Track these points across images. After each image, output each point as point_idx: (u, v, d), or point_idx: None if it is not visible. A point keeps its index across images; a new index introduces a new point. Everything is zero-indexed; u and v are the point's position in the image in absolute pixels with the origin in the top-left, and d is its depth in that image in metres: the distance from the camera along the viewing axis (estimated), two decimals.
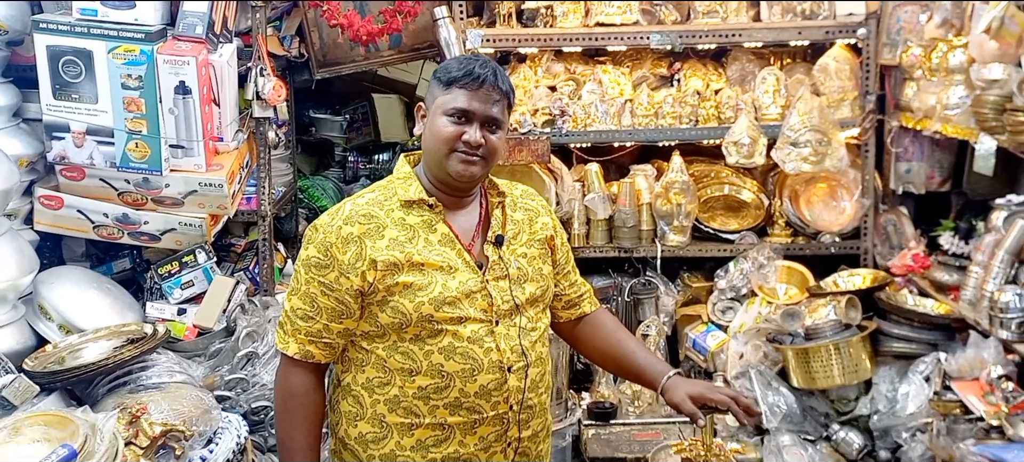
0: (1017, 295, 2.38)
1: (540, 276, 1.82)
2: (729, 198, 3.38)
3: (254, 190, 2.90)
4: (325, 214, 1.77)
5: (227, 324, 2.62)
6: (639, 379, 1.95)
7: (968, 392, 2.42)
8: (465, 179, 1.73)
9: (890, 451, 2.70)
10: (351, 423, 1.75)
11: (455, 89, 1.70)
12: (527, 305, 1.77)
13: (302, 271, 1.72)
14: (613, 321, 2.01)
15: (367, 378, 1.73)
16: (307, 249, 1.73)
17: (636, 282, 3.40)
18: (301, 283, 1.72)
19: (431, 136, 1.73)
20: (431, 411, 1.71)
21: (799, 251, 3.24)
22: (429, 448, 1.72)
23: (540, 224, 1.87)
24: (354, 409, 1.75)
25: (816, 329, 2.79)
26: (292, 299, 1.74)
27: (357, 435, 1.75)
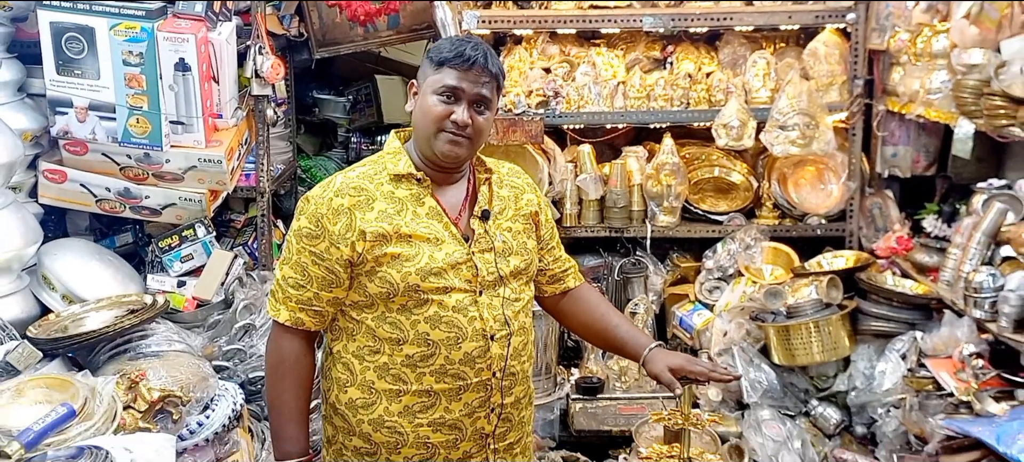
0: (991, 276, 2.43)
1: (524, 250, 1.88)
2: (719, 180, 3.44)
3: (253, 167, 2.97)
4: (317, 186, 1.83)
5: (225, 296, 2.70)
6: (622, 351, 2.03)
7: (941, 369, 2.48)
8: (450, 159, 1.78)
9: (866, 426, 2.77)
10: (342, 389, 1.82)
11: (446, 69, 1.75)
12: (511, 277, 1.83)
13: (294, 241, 1.78)
14: (597, 296, 2.08)
15: (357, 346, 1.80)
16: (299, 220, 1.78)
17: (626, 261, 3.46)
18: (293, 252, 1.78)
19: (421, 114, 1.78)
20: (418, 378, 1.77)
21: (786, 233, 3.30)
22: (416, 413, 1.79)
23: (525, 200, 1.92)
24: (345, 376, 1.81)
25: (797, 308, 2.86)
26: (284, 268, 1.80)
27: (347, 400, 1.81)
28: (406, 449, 1.80)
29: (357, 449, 1.83)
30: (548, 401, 3.07)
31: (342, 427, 1.84)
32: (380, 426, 1.79)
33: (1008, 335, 2.32)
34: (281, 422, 1.83)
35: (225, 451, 2.19)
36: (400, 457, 1.81)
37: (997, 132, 2.49)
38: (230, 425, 2.22)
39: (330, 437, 1.89)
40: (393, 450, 1.80)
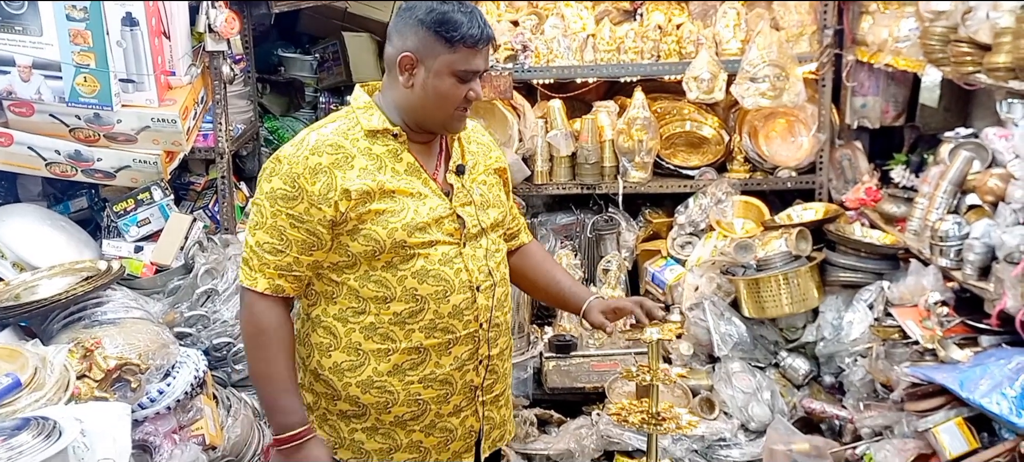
0: (957, 224, 2.43)
1: (500, 203, 1.89)
2: (690, 134, 3.40)
3: (211, 127, 2.88)
4: (287, 145, 1.74)
5: (185, 261, 2.64)
6: (565, 306, 2.09)
7: (907, 318, 2.49)
8: (459, 131, 1.79)
9: (834, 375, 2.79)
10: (324, 354, 1.78)
11: (463, 50, 1.68)
12: (490, 229, 1.84)
13: (267, 204, 1.70)
14: (542, 251, 2.11)
15: (339, 309, 1.76)
16: (271, 182, 1.70)
17: (599, 218, 3.44)
18: (266, 217, 1.70)
19: (435, 95, 1.71)
20: (407, 335, 1.75)
21: (757, 186, 3.29)
22: (406, 372, 1.77)
23: (494, 156, 1.93)
24: (327, 340, 1.77)
25: (767, 261, 2.86)
26: (256, 234, 1.71)
27: (331, 365, 1.77)
28: (397, 408, 1.79)
29: (343, 413, 1.80)
30: (522, 359, 3.06)
31: (325, 393, 1.81)
32: (369, 387, 1.77)
33: (972, 283, 2.34)
34: (275, 394, 1.75)
35: (188, 418, 2.15)
36: (390, 416, 1.79)
37: (964, 79, 2.47)
38: (193, 392, 2.19)
39: (311, 404, 1.85)
40: (383, 410, 1.79)
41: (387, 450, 1.82)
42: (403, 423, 1.80)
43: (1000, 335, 2.26)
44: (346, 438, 1.83)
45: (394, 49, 1.73)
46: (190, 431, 2.10)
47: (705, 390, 2.84)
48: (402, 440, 1.82)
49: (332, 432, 1.83)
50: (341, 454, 1.84)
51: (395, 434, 1.81)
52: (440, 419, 1.82)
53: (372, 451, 1.82)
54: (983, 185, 2.48)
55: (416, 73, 1.71)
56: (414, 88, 1.72)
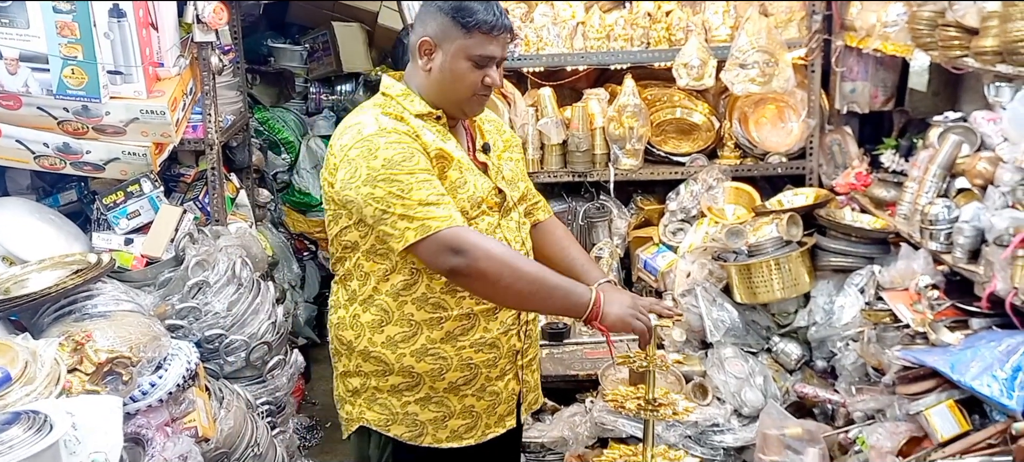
0: (946, 207, 2.43)
1: (523, 177, 2.03)
2: (681, 121, 3.39)
3: (201, 118, 2.85)
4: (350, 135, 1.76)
5: (176, 253, 2.61)
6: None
7: (898, 301, 2.49)
8: (477, 115, 1.89)
9: (825, 360, 2.79)
10: (376, 331, 1.85)
11: (478, 35, 1.76)
12: (519, 202, 1.97)
13: (394, 172, 1.70)
14: (563, 230, 2.16)
15: (391, 285, 1.83)
16: (376, 158, 1.71)
17: (590, 206, 3.43)
18: (405, 181, 1.70)
19: (452, 79, 1.79)
20: (458, 302, 1.84)
21: (747, 172, 3.28)
22: (457, 337, 1.86)
23: (507, 134, 2.04)
24: (379, 317, 1.84)
25: (758, 246, 2.85)
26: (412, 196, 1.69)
27: (384, 339, 1.85)
28: (450, 373, 1.87)
29: (395, 387, 1.87)
30: None
31: (375, 371, 1.87)
32: (423, 355, 1.84)
33: (962, 265, 2.34)
34: (556, 283, 1.78)
35: (181, 411, 2.14)
36: (444, 382, 1.87)
37: (951, 63, 2.47)
38: (185, 385, 2.17)
39: (358, 388, 1.91)
40: (437, 377, 1.87)
41: (441, 418, 1.90)
42: (456, 389, 1.89)
43: (990, 317, 2.26)
44: (399, 412, 1.89)
45: (415, 36, 1.83)
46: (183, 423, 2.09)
47: (698, 376, 2.84)
48: (455, 406, 1.90)
49: (383, 410, 1.90)
50: (394, 430, 1.91)
51: (448, 401, 1.90)
52: (489, 382, 1.91)
53: (426, 421, 1.90)
54: (972, 168, 2.48)
55: (434, 57, 1.80)
56: (432, 71, 1.81)
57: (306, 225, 4.74)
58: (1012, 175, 2.32)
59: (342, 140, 1.80)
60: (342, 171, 1.76)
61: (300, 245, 4.66)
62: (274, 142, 4.62)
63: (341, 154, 1.78)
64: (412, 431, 1.91)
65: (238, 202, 3.29)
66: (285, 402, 2.84)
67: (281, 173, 4.67)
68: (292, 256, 4.28)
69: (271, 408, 2.73)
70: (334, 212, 1.87)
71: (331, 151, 1.85)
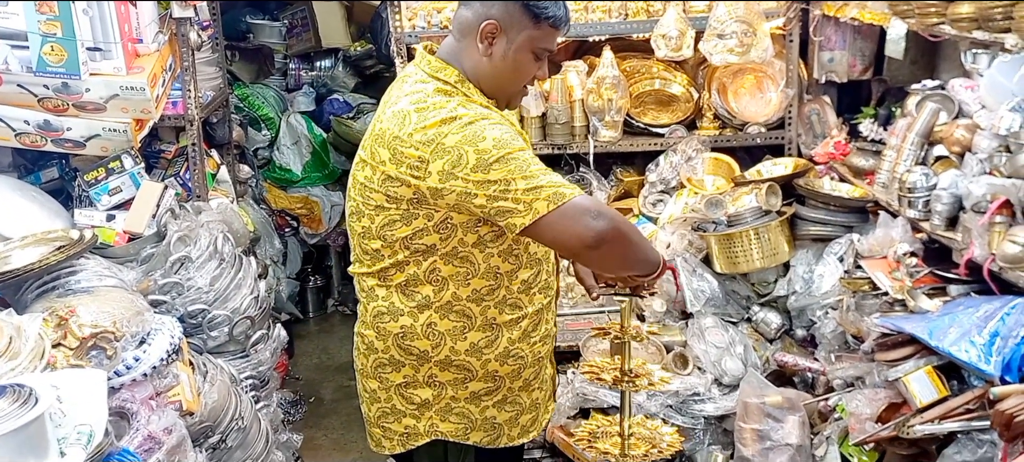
0: (924, 175, 2.44)
1: None
2: (660, 92, 3.39)
3: (180, 94, 2.82)
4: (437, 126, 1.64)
5: (158, 229, 2.60)
6: None
7: (876, 269, 2.52)
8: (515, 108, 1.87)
9: (805, 328, 2.82)
10: (458, 338, 1.78)
11: (547, 27, 1.69)
12: None
13: (507, 151, 1.61)
14: None
15: (473, 289, 1.76)
16: (486, 138, 1.61)
17: (570, 178, 3.42)
18: (521, 156, 1.62)
19: (512, 67, 1.71)
20: (530, 299, 1.82)
21: (727, 143, 3.29)
22: (530, 334, 1.83)
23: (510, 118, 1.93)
24: (461, 323, 1.78)
25: (738, 216, 2.87)
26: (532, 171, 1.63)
27: (468, 347, 1.79)
28: (526, 371, 1.86)
29: (475, 394, 1.84)
30: None
31: (454, 379, 1.82)
32: (506, 358, 1.82)
33: (940, 233, 2.35)
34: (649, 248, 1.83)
35: (165, 385, 2.13)
36: (520, 381, 1.86)
37: (928, 30, 2.48)
38: (169, 359, 2.16)
39: (428, 401, 1.84)
40: (515, 377, 1.85)
41: (515, 417, 1.89)
42: (528, 385, 1.88)
43: (968, 284, 2.27)
44: (478, 419, 1.86)
45: (475, 15, 1.70)
46: (167, 397, 2.09)
47: (678, 346, 2.86)
48: (525, 402, 1.90)
49: (461, 420, 1.86)
50: (473, 438, 1.87)
51: (520, 398, 1.89)
52: (545, 370, 1.94)
53: (503, 422, 1.88)
54: (950, 136, 2.49)
55: (496, 43, 1.69)
56: (492, 57, 1.70)
57: (287, 201, 4.72)
58: (989, 142, 2.33)
59: (425, 133, 1.64)
60: (438, 162, 1.61)
61: (282, 221, 4.65)
62: (254, 118, 4.59)
63: (429, 146, 1.62)
64: (491, 435, 1.88)
65: (219, 178, 3.26)
66: (269, 376, 2.84)
67: (261, 149, 4.66)
68: (274, 232, 4.28)
69: (255, 382, 2.73)
70: (404, 212, 1.70)
71: (403, 145, 1.66)
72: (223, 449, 2.35)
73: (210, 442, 2.29)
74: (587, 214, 1.62)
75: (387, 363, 1.83)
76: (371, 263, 1.79)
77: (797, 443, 2.53)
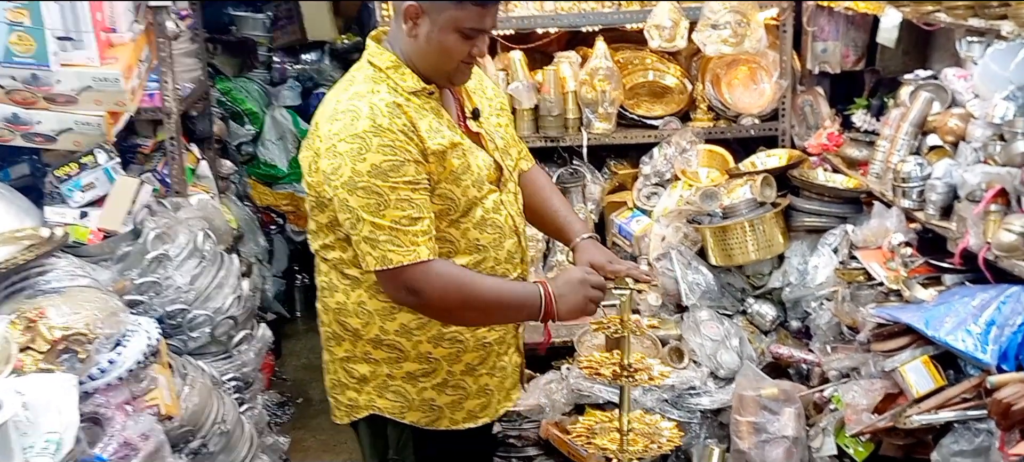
0: (918, 165, 2.42)
1: (515, 141, 1.94)
2: (653, 84, 3.34)
3: (157, 86, 2.72)
4: (342, 123, 1.64)
5: (134, 226, 2.50)
6: (559, 236, 2.07)
7: (871, 260, 2.48)
8: (463, 83, 1.78)
9: (800, 320, 2.79)
10: (387, 319, 1.77)
11: (470, 7, 1.66)
12: (513, 172, 1.87)
13: (378, 182, 1.62)
14: (545, 178, 2.10)
15: None
16: (365, 159, 1.61)
17: (563, 171, 3.37)
18: (386, 195, 1.62)
19: (438, 49, 1.69)
20: None
21: (720, 134, 3.25)
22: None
23: (490, 90, 1.92)
24: (389, 305, 1.75)
25: (733, 208, 2.82)
26: (385, 216, 1.62)
27: (398, 328, 1.77)
28: (467, 355, 1.82)
29: (410, 374, 1.81)
30: None
31: (387, 358, 1.80)
32: (440, 340, 1.79)
33: (935, 222, 2.33)
34: (509, 298, 1.77)
35: (141, 389, 2.05)
36: (461, 364, 1.82)
37: (923, 19, 2.44)
38: (146, 362, 2.08)
39: (367, 375, 1.83)
40: (454, 360, 1.81)
41: (458, 401, 1.85)
42: (472, 370, 1.84)
43: (963, 273, 2.25)
44: (414, 399, 1.83)
45: None
46: (144, 402, 2.00)
47: (674, 339, 2.81)
48: (471, 387, 1.85)
49: (396, 398, 1.83)
50: (409, 417, 1.84)
51: (464, 383, 1.84)
52: (499, 359, 1.88)
53: (443, 405, 1.84)
54: (943, 125, 2.47)
55: (420, 24, 1.68)
56: (418, 39, 1.69)
57: (273, 198, 4.64)
58: (983, 131, 2.32)
59: (333, 126, 1.67)
60: (326, 161, 1.65)
61: (267, 218, 4.57)
62: (237, 113, 4.50)
63: (328, 142, 1.66)
64: (429, 416, 1.86)
65: (199, 173, 3.18)
66: (253, 378, 2.77)
67: (245, 145, 4.57)
68: (258, 229, 4.19)
69: (239, 384, 2.66)
70: (316, 199, 1.76)
71: (317, 132, 1.71)
72: (205, 454, 2.27)
73: (191, 447, 2.21)
74: (402, 288, 1.67)
75: (331, 337, 1.87)
76: (313, 241, 1.85)
77: (793, 435, 2.49)
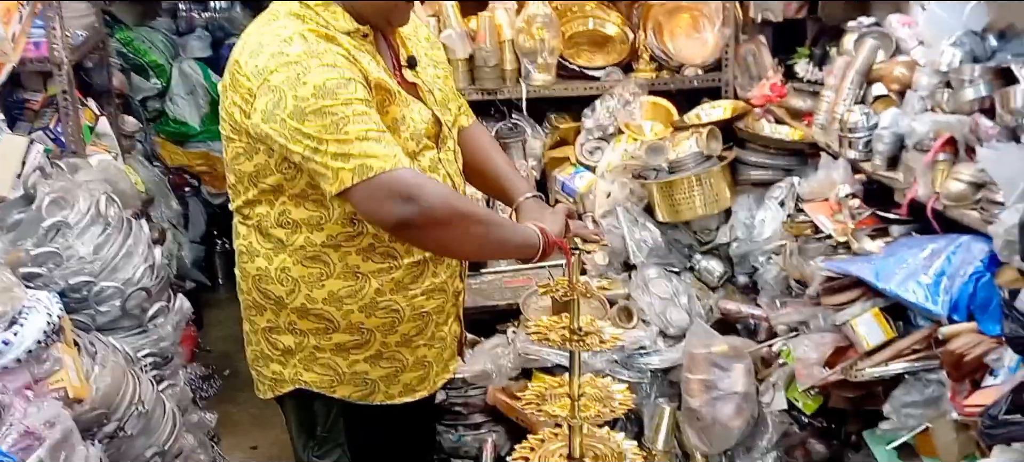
0: (864, 115, 2.39)
1: (454, 95, 1.81)
2: (594, 32, 3.21)
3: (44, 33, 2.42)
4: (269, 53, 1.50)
5: (25, 191, 2.23)
6: (501, 196, 1.94)
7: (818, 212, 2.46)
8: (403, 24, 1.65)
9: (748, 275, 2.76)
10: (315, 286, 1.65)
11: None
12: (454, 127, 1.75)
13: (329, 101, 1.46)
14: (487, 136, 1.98)
15: (326, 236, 1.63)
16: (306, 83, 1.46)
17: (502, 126, 3.22)
18: (342, 111, 1.46)
19: None
20: (408, 250, 1.67)
21: (664, 86, 3.16)
22: (408, 286, 1.68)
23: (424, 37, 1.78)
24: (318, 270, 1.63)
25: (679, 162, 2.75)
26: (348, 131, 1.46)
27: (326, 296, 1.65)
28: (403, 325, 1.71)
29: (341, 346, 1.70)
30: None
31: (315, 329, 1.69)
32: (374, 310, 1.68)
33: (882, 173, 2.31)
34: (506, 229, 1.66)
35: (44, 371, 1.82)
36: (396, 336, 1.72)
37: None
38: (47, 341, 1.84)
39: (290, 348, 1.72)
40: (389, 331, 1.71)
41: (394, 374, 1.75)
42: (409, 341, 1.74)
43: (910, 224, 2.25)
44: (345, 372, 1.72)
45: None
46: (48, 385, 1.79)
47: (622, 299, 2.74)
48: (408, 359, 1.76)
49: (325, 371, 1.72)
50: (340, 391, 1.74)
51: (400, 355, 1.75)
52: (438, 329, 1.78)
53: (377, 378, 1.74)
54: (889, 74, 2.45)
55: None
56: None
57: (185, 158, 4.36)
58: (930, 79, 2.30)
59: (258, 61, 1.52)
60: (262, 99, 1.50)
61: (179, 180, 4.30)
62: (141, 65, 4.19)
63: (258, 78, 1.51)
64: (361, 391, 1.74)
65: (98, 131, 2.93)
66: (173, 352, 2.56)
67: (151, 100, 4.26)
68: (170, 192, 3.93)
69: (156, 360, 2.45)
70: (246, 146, 1.60)
71: (240, 72, 1.56)
72: (122, 438, 2.06)
73: (106, 431, 2.01)
74: (394, 196, 1.48)
75: (251, 305, 1.75)
76: (233, 198, 1.72)
77: (743, 391, 2.48)
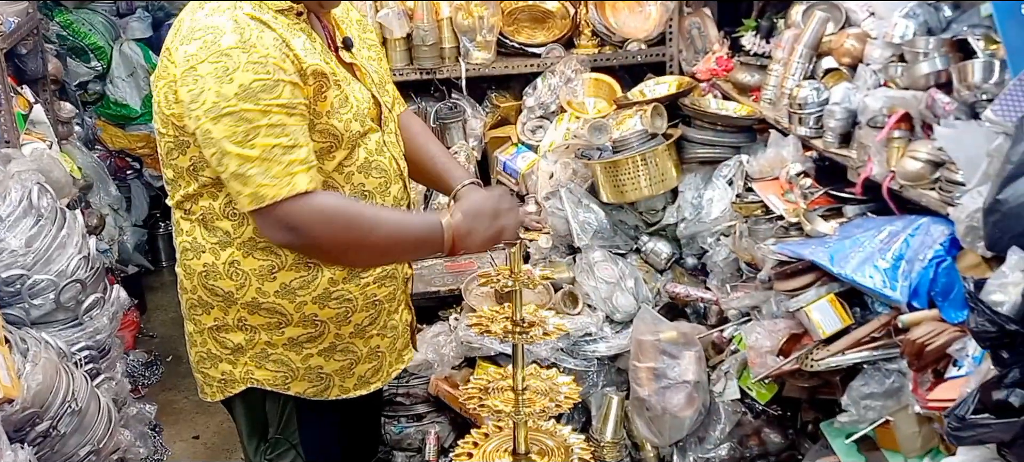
0: (815, 90, 2.10)
1: (389, 76, 1.68)
2: (534, 8, 2.85)
3: None
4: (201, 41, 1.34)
5: None
6: (438, 185, 1.78)
7: (768, 191, 2.17)
8: (336, 5, 1.52)
9: (696, 257, 2.46)
10: (266, 279, 1.49)
11: None
12: (392, 110, 1.62)
13: (248, 105, 1.32)
14: (420, 124, 1.79)
15: None
16: (233, 80, 1.31)
17: (441, 106, 2.88)
18: (256, 120, 1.33)
19: None
20: None
21: (607, 62, 2.82)
22: (360, 274, 1.54)
23: (356, 20, 1.63)
24: (268, 262, 1.48)
25: (623, 141, 2.43)
26: (254, 145, 1.33)
27: (278, 288, 1.50)
28: (356, 315, 1.56)
29: (293, 340, 1.54)
30: None
31: (266, 324, 1.52)
32: (327, 300, 1.52)
33: (834, 150, 2.03)
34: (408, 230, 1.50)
35: None
36: (350, 326, 1.57)
37: None
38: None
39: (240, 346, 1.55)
40: (343, 321, 1.56)
41: (348, 366, 1.60)
42: (362, 331, 1.59)
43: (864, 204, 1.97)
44: (299, 368, 1.56)
45: None
46: None
47: (567, 283, 2.43)
48: (362, 350, 1.61)
49: (278, 367, 1.56)
50: (294, 388, 1.58)
51: (354, 346, 1.60)
52: (390, 318, 1.64)
53: (332, 372, 1.59)
54: (840, 47, 2.16)
55: None
56: None
57: (127, 140, 3.96)
58: (882, 52, 2.02)
59: (189, 47, 1.36)
60: (185, 88, 1.35)
61: (121, 163, 3.92)
62: (81, 48, 3.81)
63: (185, 65, 1.35)
64: (317, 386, 1.58)
65: (33, 119, 2.58)
66: (109, 345, 2.24)
67: (91, 83, 3.86)
68: (109, 177, 3.54)
69: (92, 354, 2.14)
70: (176, 140, 1.44)
71: (170, 57, 1.40)
72: (54, 437, 1.80)
73: (38, 430, 1.75)
74: (281, 226, 1.40)
75: (197, 304, 1.57)
76: (172, 193, 1.55)
77: (694, 379, 2.19)
